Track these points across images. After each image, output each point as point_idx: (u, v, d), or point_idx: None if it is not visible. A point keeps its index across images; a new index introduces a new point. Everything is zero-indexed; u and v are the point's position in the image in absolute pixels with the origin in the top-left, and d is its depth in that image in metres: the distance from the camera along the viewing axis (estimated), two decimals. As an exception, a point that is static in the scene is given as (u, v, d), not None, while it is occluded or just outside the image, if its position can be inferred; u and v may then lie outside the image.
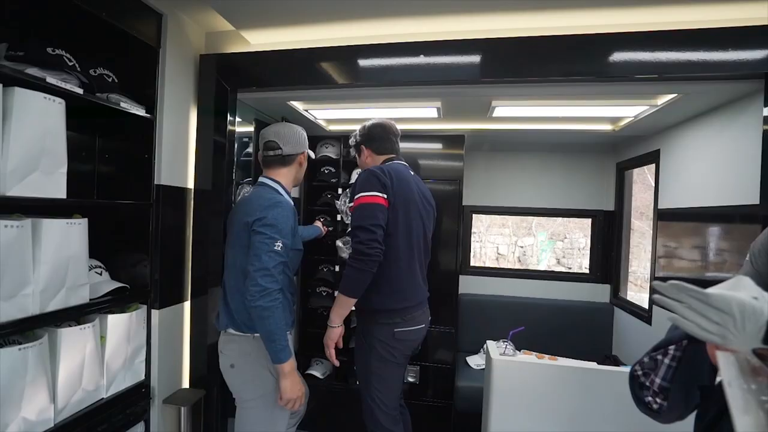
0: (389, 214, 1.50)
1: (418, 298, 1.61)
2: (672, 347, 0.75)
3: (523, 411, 1.68)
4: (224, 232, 1.60)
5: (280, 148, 1.48)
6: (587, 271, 3.09)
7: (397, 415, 1.65)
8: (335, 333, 1.55)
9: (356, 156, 1.78)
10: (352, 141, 1.77)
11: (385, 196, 1.49)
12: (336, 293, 1.52)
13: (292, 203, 1.47)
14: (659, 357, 0.76)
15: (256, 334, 1.37)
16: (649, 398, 0.76)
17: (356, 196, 1.51)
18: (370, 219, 1.45)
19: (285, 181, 1.52)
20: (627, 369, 1.70)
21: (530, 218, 6.17)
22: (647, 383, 0.77)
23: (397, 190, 1.51)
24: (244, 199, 1.52)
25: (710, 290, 0.57)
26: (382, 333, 1.54)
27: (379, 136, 1.68)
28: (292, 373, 1.34)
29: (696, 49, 1.40)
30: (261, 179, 1.52)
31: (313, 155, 1.62)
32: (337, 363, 1.62)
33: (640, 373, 0.79)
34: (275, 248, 1.30)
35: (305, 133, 1.56)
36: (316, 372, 2.62)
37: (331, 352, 1.56)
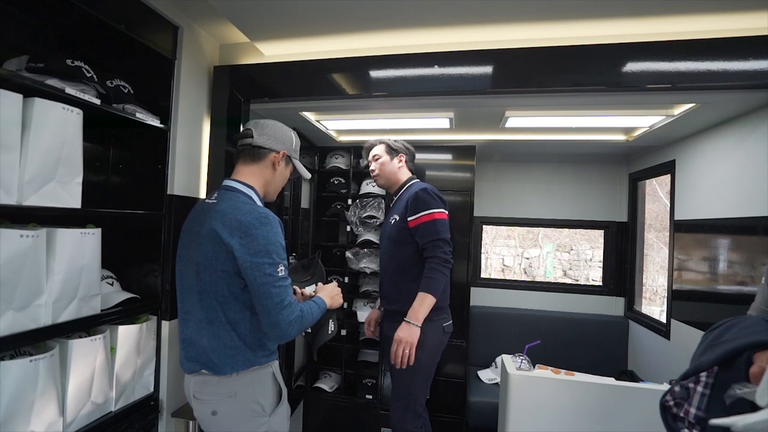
0: None
1: (450, 297, 1.82)
2: (703, 374, 0.71)
3: (541, 427, 1.63)
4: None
5: (251, 137, 1.20)
6: (599, 284, 3.04)
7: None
8: (419, 331, 1.60)
9: (380, 155, 1.84)
10: (391, 141, 1.85)
11: (447, 212, 1.72)
12: (420, 294, 1.62)
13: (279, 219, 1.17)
14: (691, 385, 0.72)
15: (237, 372, 1.15)
16: (685, 430, 0.72)
17: (429, 211, 1.67)
18: (448, 232, 1.68)
19: (257, 185, 1.22)
20: (648, 385, 1.66)
21: (536, 229, 6.10)
22: (681, 414, 0.73)
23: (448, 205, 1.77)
24: (211, 209, 1.15)
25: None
26: (434, 328, 1.69)
27: (413, 156, 1.91)
28: (331, 305, 1.33)
29: (709, 58, 1.39)
30: (228, 182, 1.21)
31: (307, 174, 1.37)
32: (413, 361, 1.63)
33: (671, 403, 0.75)
34: (280, 275, 1.10)
35: (295, 137, 1.30)
36: (324, 385, 2.58)
37: (413, 351, 1.59)
